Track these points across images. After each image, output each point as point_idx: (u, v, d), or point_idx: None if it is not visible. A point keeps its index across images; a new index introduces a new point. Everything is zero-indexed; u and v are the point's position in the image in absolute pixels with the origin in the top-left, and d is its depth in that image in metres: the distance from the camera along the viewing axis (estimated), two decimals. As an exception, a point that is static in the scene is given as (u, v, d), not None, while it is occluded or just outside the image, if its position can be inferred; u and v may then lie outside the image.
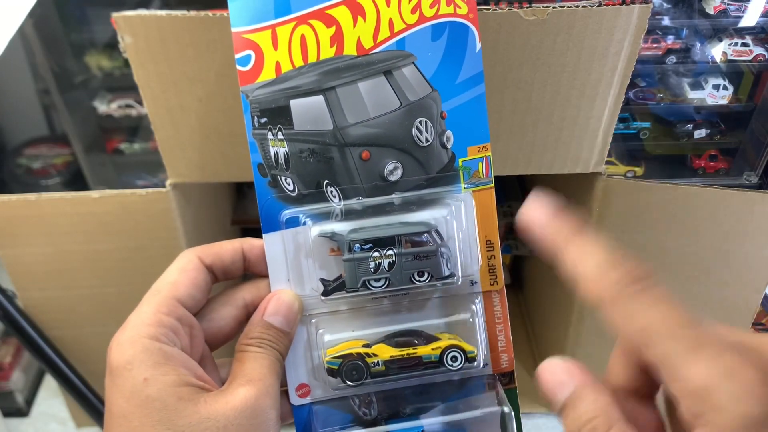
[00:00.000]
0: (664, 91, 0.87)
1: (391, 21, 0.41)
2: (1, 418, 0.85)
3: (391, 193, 0.42)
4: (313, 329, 0.42)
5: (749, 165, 0.88)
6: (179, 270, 0.39)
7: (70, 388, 0.74)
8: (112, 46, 0.97)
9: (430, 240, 0.41)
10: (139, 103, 0.98)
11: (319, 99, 0.41)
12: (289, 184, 0.42)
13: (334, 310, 0.42)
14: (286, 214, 0.42)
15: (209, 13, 0.52)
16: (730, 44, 0.83)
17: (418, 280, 0.41)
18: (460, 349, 0.41)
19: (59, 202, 0.64)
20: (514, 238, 0.97)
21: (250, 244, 0.42)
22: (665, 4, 0.84)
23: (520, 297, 1.03)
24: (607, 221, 0.67)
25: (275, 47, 0.41)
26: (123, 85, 0.99)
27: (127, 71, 0.57)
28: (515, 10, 0.53)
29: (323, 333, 0.42)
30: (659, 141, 0.90)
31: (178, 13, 0.52)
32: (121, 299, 0.72)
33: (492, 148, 0.61)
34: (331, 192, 0.42)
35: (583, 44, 0.55)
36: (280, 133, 0.41)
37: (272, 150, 0.41)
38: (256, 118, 0.41)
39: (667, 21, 0.84)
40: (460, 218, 0.42)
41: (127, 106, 1.00)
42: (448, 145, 0.42)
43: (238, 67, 0.41)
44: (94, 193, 0.64)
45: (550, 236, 0.33)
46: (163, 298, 0.38)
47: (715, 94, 0.86)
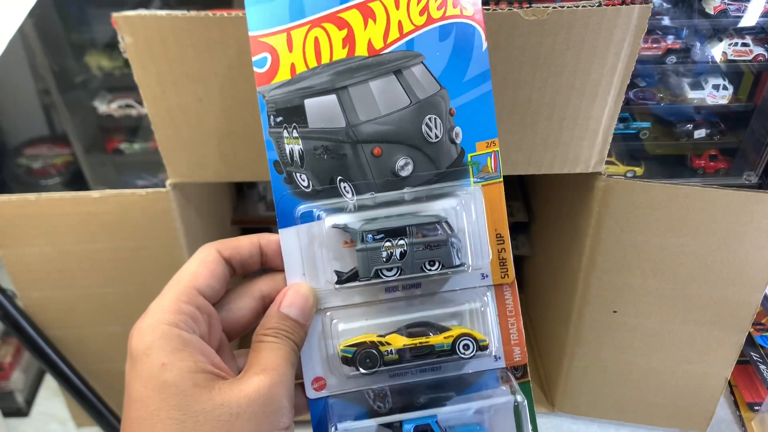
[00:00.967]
0: (664, 91, 0.87)
1: (400, 23, 0.42)
2: (1, 418, 0.85)
3: (402, 188, 0.43)
4: (328, 322, 0.43)
5: (749, 165, 0.88)
6: (199, 262, 0.41)
7: (70, 388, 0.74)
8: (112, 46, 0.97)
9: (441, 230, 0.42)
10: (139, 103, 0.98)
11: (332, 98, 0.42)
12: (304, 180, 0.43)
13: (349, 303, 0.43)
14: (301, 209, 0.43)
15: (209, 13, 0.52)
16: (730, 44, 0.83)
17: (429, 269, 0.42)
18: (472, 337, 0.42)
19: (59, 202, 0.64)
20: (514, 238, 0.97)
21: (267, 239, 0.43)
22: (665, 4, 0.84)
23: (521, 297, 1.03)
24: (607, 221, 0.67)
25: (290, 49, 0.42)
26: (123, 85, 0.99)
27: (127, 71, 0.57)
28: (515, 10, 0.53)
29: (337, 323, 0.43)
30: (659, 141, 0.90)
31: (178, 14, 0.52)
32: (121, 299, 0.72)
33: (492, 148, 0.61)
34: (345, 187, 0.43)
35: (583, 44, 0.55)
36: (295, 131, 0.43)
37: (287, 147, 0.43)
38: (272, 117, 0.43)
39: (667, 21, 0.84)
40: (470, 211, 0.43)
41: (127, 106, 1.00)
42: (457, 141, 0.43)
43: (255, 69, 0.42)
44: (94, 193, 0.64)
45: None
46: (184, 288, 0.39)
47: (715, 94, 0.86)
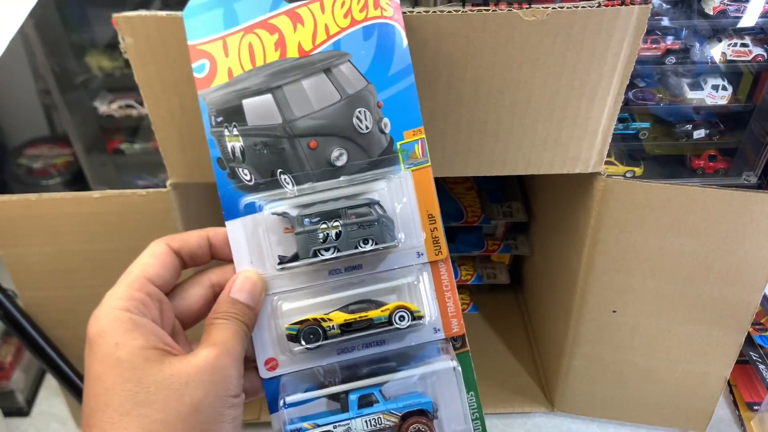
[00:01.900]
0: (664, 92, 0.88)
1: (326, 26, 0.46)
2: (1, 418, 0.86)
3: (338, 177, 0.47)
4: (277, 305, 0.46)
5: (748, 165, 0.88)
6: (149, 254, 0.43)
7: (71, 387, 0.74)
8: (112, 47, 0.97)
9: (372, 211, 0.45)
10: (140, 103, 0.98)
11: (268, 97, 0.46)
12: (246, 175, 0.47)
13: (295, 287, 0.46)
14: (244, 201, 0.46)
15: (210, 14, 0.52)
16: (730, 45, 0.84)
17: (364, 247, 0.45)
18: (407, 309, 0.46)
19: (60, 202, 0.64)
20: (513, 238, 0.97)
21: (215, 231, 0.46)
22: (664, 5, 0.84)
23: (520, 297, 1.03)
24: (607, 221, 0.67)
25: (226, 55, 0.46)
26: (123, 85, 0.99)
27: (127, 71, 0.57)
28: (515, 10, 0.53)
29: (283, 304, 0.46)
30: (658, 141, 0.90)
31: (179, 14, 0.52)
32: (122, 299, 0.72)
33: (492, 149, 0.61)
34: (285, 179, 0.47)
35: (583, 45, 0.55)
36: (235, 129, 0.46)
37: (229, 145, 0.46)
38: (213, 117, 0.47)
39: (666, 21, 0.84)
40: (401, 194, 0.46)
41: (128, 107, 1.00)
42: (386, 131, 0.47)
43: (195, 75, 0.46)
44: (95, 193, 0.64)
45: None
46: (135, 277, 0.42)
47: (715, 95, 0.86)
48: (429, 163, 0.47)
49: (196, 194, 0.71)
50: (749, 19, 0.83)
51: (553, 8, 0.53)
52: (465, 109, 0.58)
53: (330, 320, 0.45)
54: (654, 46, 0.84)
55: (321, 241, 0.45)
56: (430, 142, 0.47)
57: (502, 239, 0.96)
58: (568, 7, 0.53)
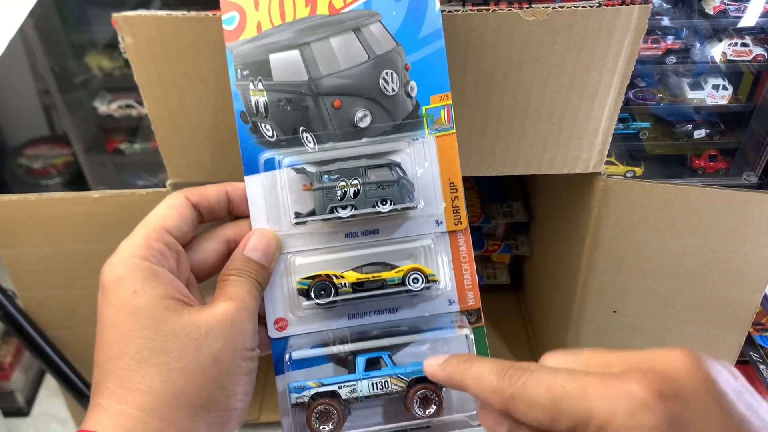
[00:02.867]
0: (664, 92, 0.88)
1: None
2: (1, 418, 0.86)
3: (361, 138, 0.46)
4: (291, 265, 0.46)
5: (749, 165, 0.88)
6: (168, 206, 0.43)
7: (71, 388, 0.74)
8: (112, 47, 0.97)
9: (392, 172, 0.45)
10: (140, 103, 0.98)
11: (296, 53, 0.46)
12: (268, 130, 0.46)
13: (310, 248, 0.46)
14: (264, 157, 0.46)
15: (209, 14, 0.52)
16: (730, 44, 0.84)
17: (382, 207, 0.44)
18: (421, 272, 0.45)
19: (60, 202, 0.64)
20: (513, 238, 0.97)
21: (234, 186, 0.46)
22: (665, 5, 0.84)
23: (520, 297, 1.03)
24: (607, 221, 0.67)
25: (257, 8, 0.46)
26: (123, 85, 0.99)
27: (127, 71, 0.57)
28: (515, 10, 0.53)
29: (295, 260, 0.46)
30: (659, 141, 0.90)
31: (179, 14, 0.52)
32: (122, 299, 0.72)
33: (492, 149, 0.61)
34: (307, 137, 0.46)
35: (583, 44, 0.55)
36: (260, 84, 0.46)
37: (253, 99, 0.46)
38: (239, 70, 0.46)
39: (666, 21, 0.84)
40: (424, 160, 0.46)
41: (128, 107, 1.00)
42: (413, 95, 0.46)
43: (224, 27, 0.46)
44: (95, 193, 0.64)
45: (450, 379, 0.39)
46: (153, 228, 0.42)
47: (715, 94, 0.86)
48: (454, 130, 0.46)
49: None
50: (749, 18, 0.83)
51: (554, 8, 0.53)
52: (465, 109, 0.58)
53: (342, 278, 0.44)
54: (654, 46, 0.84)
55: (339, 198, 0.44)
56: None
57: (502, 239, 0.96)
58: (568, 7, 0.53)
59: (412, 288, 0.45)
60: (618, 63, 0.56)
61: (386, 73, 0.45)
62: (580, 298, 0.74)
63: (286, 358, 0.45)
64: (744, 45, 0.84)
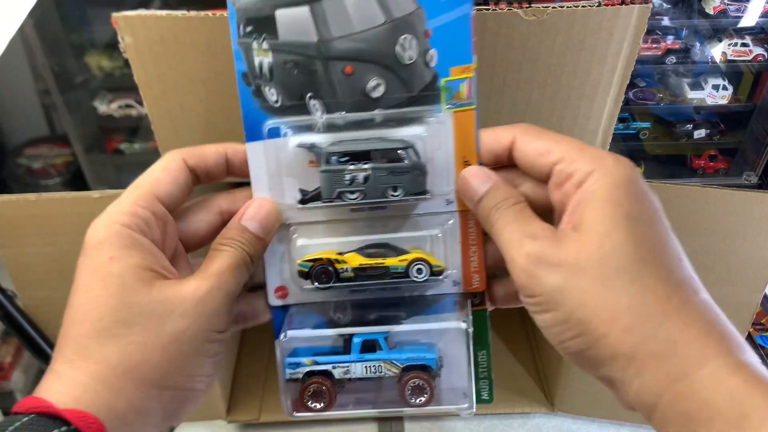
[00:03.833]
0: (664, 92, 0.88)
1: None
2: (1, 418, 0.85)
3: (373, 110, 0.42)
4: (293, 235, 0.44)
5: (749, 165, 0.88)
6: (162, 168, 0.41)
7: (71, 387, 0.74)
8: (112, 47, 0.98)
9: (406, 157, 0.42)
10: (140, 103, 0.98)
11: (305, 10, 0.41)
12: (273, 95, 0.43)
13: (313, 221, 0.44)
14: (268, 124, 0.43)
15: (209, 14, 0.52)
16: (730, 44, 0.84)
17: (393, 195, 0.42)
18: (427, 262, 0.43)
19: (60, 202, 0.64)
20: (513, 238, 0.97)
21: (234, 149, 0.43)
22: (665, 5, 0.84)
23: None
24: (607, 221, 0.67)
25: None
26: (123, 85, 0.99)
27: (127, 71, 0.57)
28: (515, 10, 0.53)
29: (298, 238, 0.44)
30: (659, 141, 0.90)
31: (179, 14, 0.52)
32: (122, 299, 0.72)
33: (492, 148, 0.61)
34: (314, 105, 0.42)
35: (583, 44, 0.55)
36: (264, 42, 0.42)
37: (257, 59, 0.42)
38: (241, 26, 0.42)
39: (666, 21, 0.84)
40: (438, 137, 0.43)
41: (128, 106, 1.00)
42: (432, 64, 0.42)
43: None
44: (95, 193, 0.64)
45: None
46: (143, 192, 0.40)
47: (715, 94, 0.86)
48: (473, 106, 0.43)
49: (195, 194, 0.71)
50: (750, 18, 0.83)
51: (553, 8, 0.53)
52: (465, 109, 0.58)
53: (344, 262, 0.43)
54: (654, 46, 0.84)
55: (347, 183, 0.42)
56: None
57: (502, 239, 0.96)
58: (568, 7, 0.53)
59: (416, 279, 0.43)
60: (618, 63, 0.56)
61: (404, 39, 0.41)
62: (580, 298, 0.74)
63: (282, 336, 0.44)
64: (744, 45, 0.84)
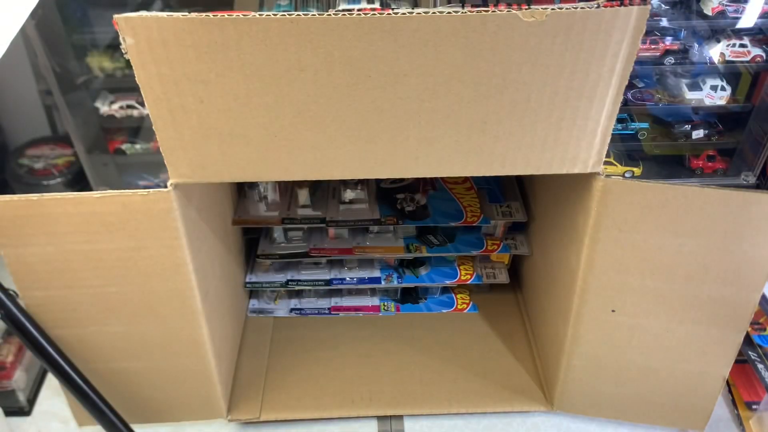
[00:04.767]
0: (662, 92, 0.88)
1: None
2: (3, 417, 0.86)
3: None
4: None
5: (747, 165, 0.89)
6: None
7: (72, 387, 0.74)
8: (113, 48, 0.98)
9: None
10: (141, 103, 0.99)
11: None
12: None
13: None
14: None
15: (210, 15, 0.53)
16: (728, 45, 0.84)
17: None
18: None
19: (61, 202, 0.65)
20: (513, 238, 0.97)
21: None
22: (663, 6, 0.85)
23: (519, 296, 1.03)
24: (605, 221, 0.67)
25: None
26: (125, 86, 0.99)
27: (128, 72, 0.57)
28: (514, 11, 0.53)
29: None
30: (657, 141, 0.90)
31: (180, 15, 0.52)
32: (123, 298, 0.72)
33: (491, 149, 0.61)
34: None
35: (582, 45, 0.55)
36: None
37: None
38: None
39: (665, 22, 0.84)
40: None
41: (129, 107, 1.00)
42: None
43: None
44: (96, 193, 0.64)
45: None
46: None
47: (713, 95, 0.86)
48: None
49: (196, 194, 0.71)
50: (748, 19, 0.83)
51: (552, 9, 0.53)
52: (465, 109, 0.58)
53: None
54: (653, 47, 0.84)
55: None
56: (430, 142, 0.46)
57: (501, 239, 0.96)
58: (567, 8, 0.53)
59: None
60: (616, 64, 0.56)
61: None
62: (579, 298, 0.74)
63: None
64: (742, 46, 0.84)
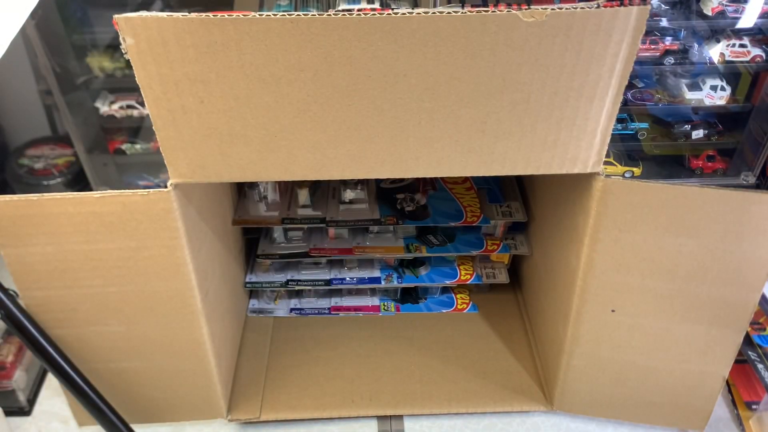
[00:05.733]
0: (662, 92, 0.88)
1: None
2: (3, 417, 0.86)
3: None
4: None
5: (746, 165, 0.89)
6: None
7: (72, 387, 0.74)
8: (113, 48, 0.98)
9: None
10: (141, 104, 0.99)
11: None
12: None
13: None
14: None
15: (210, 15, 0.53)
16: (728, 45, 0.84)
17: None
18: None
19: (61, 202, 0.65)
20: (513, 238, 0.97)
21: None
22: (663, 6, 0.85)
23: (519, 296, 1.03)
24: (605, 221, 0.67)
25: None
26: (125, 86, 0.99)
27: (128, 72, 0.57)
28: (514, 11, 0.53)
29: None
30: (657, 141, 0.90)
31: (180, 15, 0.52)
32: (123, 298, 0.72)
33: (491, 149, 0.61)
34: None
35: (582, 45, 0.55)
36: None
37: None
38: None
39: (665, 22, 0.84)
40: None
41: (129, 107, 1.00)
42: None
43: None
44: (96, 193, 0.64)
45: None
46: None
47: (713, 95, 0.86)
48: None
49: (196, 194, 0.71)
50: (748, 19, 0.83)
51: (552, 9, 0.53)
52: (465, 109, 0.58)
53: None
54: (653, 47, 0.84)
55: None
56: (430, 142, 0.46)
57: (501, 239, 0.96)
58: (566, 8, 0.53)
59: None
60: (616, 64, 0.56)
61: None
62: (579, 298, 0.74)
63: None
64: (742, 46, 0.84)
